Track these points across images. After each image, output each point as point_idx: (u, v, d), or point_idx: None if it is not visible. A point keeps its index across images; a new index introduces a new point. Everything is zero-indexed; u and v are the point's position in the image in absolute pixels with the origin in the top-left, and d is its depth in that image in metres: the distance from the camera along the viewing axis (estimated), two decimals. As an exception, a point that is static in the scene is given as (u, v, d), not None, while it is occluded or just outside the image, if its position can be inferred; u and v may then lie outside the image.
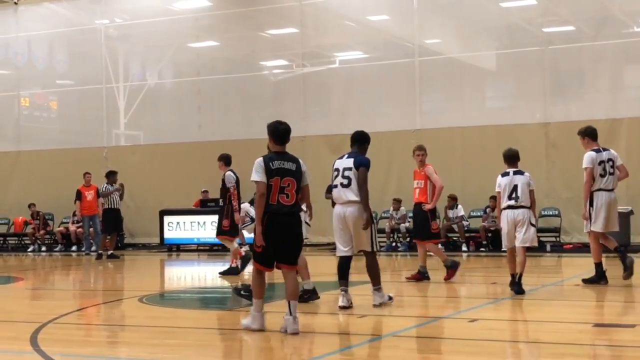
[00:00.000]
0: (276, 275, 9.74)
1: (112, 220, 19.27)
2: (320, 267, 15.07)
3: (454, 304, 10.44)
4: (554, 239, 19.26)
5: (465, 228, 19.40)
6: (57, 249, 22.91)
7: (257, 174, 7.96)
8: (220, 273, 13.78)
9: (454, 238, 19.86)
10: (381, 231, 20.45)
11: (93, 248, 20.93)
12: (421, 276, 12.31)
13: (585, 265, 15.97)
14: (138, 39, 25.46)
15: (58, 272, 17.48)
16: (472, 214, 19.78)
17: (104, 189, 19.34)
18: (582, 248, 18.82)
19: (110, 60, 24.72)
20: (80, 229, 22.56)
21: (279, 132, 8.34)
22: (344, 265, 9.53)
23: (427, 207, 12.11)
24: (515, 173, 10.99)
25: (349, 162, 9.70)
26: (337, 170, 9.67)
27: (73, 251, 22.48)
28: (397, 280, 12.81)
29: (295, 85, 22.78)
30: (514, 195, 10.76)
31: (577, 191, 19.40)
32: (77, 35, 25.31)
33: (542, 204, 19.57)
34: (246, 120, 23.27)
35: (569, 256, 17.94)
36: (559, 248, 18.87)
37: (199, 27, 24.50)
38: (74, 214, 22.90)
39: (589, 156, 11.19)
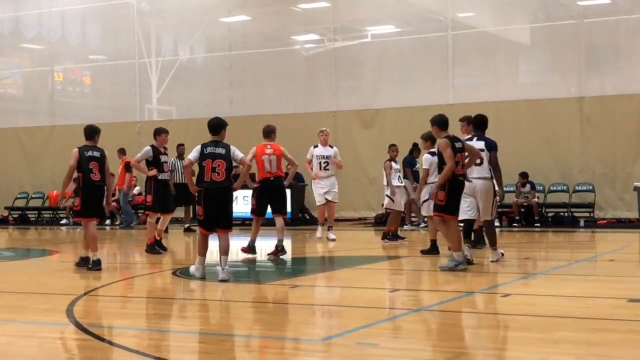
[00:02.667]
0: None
1: (184, 194, 17.27)
2: (353, 242, 15.10)
3: (487, 279, 10.41)
4: (587, 214, 19.10)
5: (498, 203, 19.25)
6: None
7: (191, 154, 10.20)
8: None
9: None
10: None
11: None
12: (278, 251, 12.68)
13: (619, 241, 15.85)
14: (170, 14, 25.49)
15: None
16: (504, 189, 19.61)
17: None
18: (616, 224, 18.69)
19: (143, 35, 24.78)
20: (115, 203, 22.79)
21: (210, 125, 10.23)
22: (470, 227, 11.32)
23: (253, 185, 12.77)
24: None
25: (481, 144, 11.25)
26: None
27: (107, 225, 22.69)
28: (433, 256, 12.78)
29: (327, 60, 22.70)
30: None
31: (612, 166, 19.34)
32: (110, 10, 25.40)
33: (576, 179, 19.42)
34: (278, 95, 23.25)
35: (603, 232, 17.80)
36: (592, 223, 18.72)
37: (230, 2, 24.46)
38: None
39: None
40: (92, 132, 11.85)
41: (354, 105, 22.05)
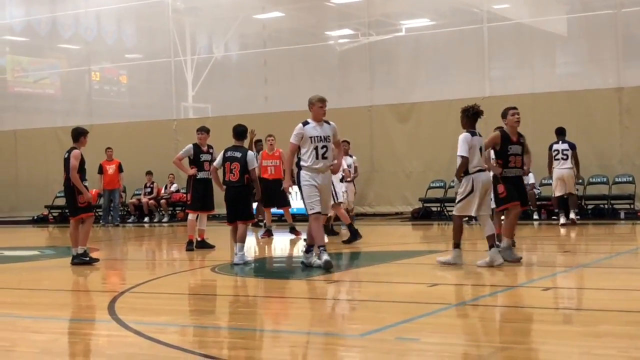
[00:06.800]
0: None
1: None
2: (390, 237, 15.06)
3: (527, 273, 10.33)
4: (628, 206, 18.85)
5: (537, 196, 19.10)
6: (130, 220, 23.38)
7: (216, 160, 12.07)
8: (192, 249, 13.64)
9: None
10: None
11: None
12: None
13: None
14: (205, 12, 25.62)
15: (132, 243, 17.84)
16: (543, 182, 19.45)
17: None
18: (657, 215, 18.43)
19: (178, 34, 24.94)
20: (148, 200, 23.01)
21: (236, 131, 12.03)
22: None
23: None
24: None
25: (567, 146, 14.82)
26: (558, 150, 14.14)
27: (145, 222, 22.92)
28: (471, 250, 12.75)
29: (361, 55, 22.64)
30: None
31: (652, 157, 19.07)
32: (145, 9, 25.59)
33: (615, 170, 19.19)
34: (312, 91, 22.74)
35: (644, 224, 17.56)
36: (633, 215, 18.48)
37: (264, -2, 24.52)
38: (146, 186, 23.38)
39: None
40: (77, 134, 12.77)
41: (389, 99, 21.98)
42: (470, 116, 10.26)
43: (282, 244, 15.47)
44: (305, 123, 10.59)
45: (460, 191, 10.25)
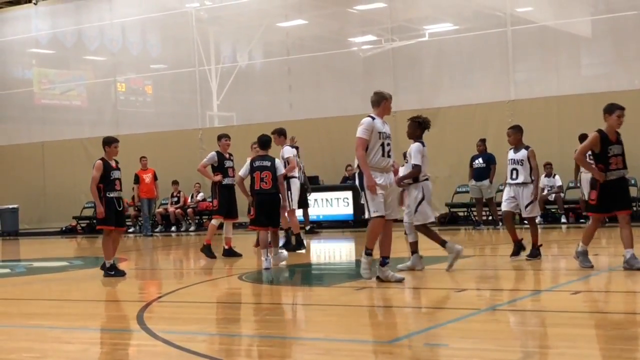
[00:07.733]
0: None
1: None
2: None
3: (555, 277, 10.26)
4: (658, 208, 18.66)
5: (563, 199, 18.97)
6: (157, 229, 23.49)
7: (241, 171, 12.46)
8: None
9: (552, 210, 19.45)
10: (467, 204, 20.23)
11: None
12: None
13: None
14: (228, 21, 25.74)
15: (159, 252, 17.92)
16: (570, 184, 19.32)
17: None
18: (688, 217, 18.21)
19: (202, 43, 25.08)
20: (175, 209, 23.10)
21: (261, 141, 12.40)
22: None
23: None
24: None
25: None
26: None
27: (173, 231, 23.02)
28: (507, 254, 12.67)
29: (385, 61, 22.63)
30: None
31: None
32: (169, 19, 25.77)
33: (644, 172, 18.99)
34: (337, 98, 23.26)
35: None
36: (664, 217, 18.28)
37: (287, 6, 24.57)
38: (172, 195, 23.50)
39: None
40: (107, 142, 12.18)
41: (413, 104, 21.86)
42: (423, 126, 10.65)
43: (310, 250, 15.47)
44: (373, 118, 9.64)
45: (412, 199, 10.46)
